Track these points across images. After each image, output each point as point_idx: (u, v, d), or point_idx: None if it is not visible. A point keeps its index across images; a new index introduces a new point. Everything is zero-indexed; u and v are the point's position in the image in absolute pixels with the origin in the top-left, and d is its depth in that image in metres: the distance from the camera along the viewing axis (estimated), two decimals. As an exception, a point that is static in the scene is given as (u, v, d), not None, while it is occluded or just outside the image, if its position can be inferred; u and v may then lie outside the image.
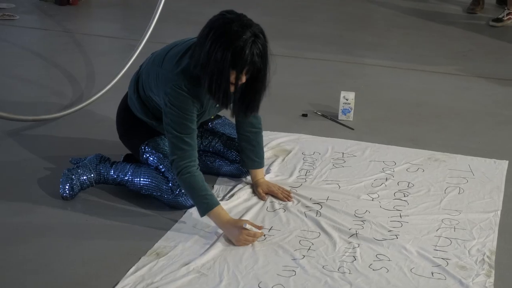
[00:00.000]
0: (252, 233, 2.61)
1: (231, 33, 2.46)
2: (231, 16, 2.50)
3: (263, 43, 2.52)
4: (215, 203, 2.64)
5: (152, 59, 2.82)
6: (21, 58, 4.68)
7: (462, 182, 3.13)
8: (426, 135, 3.65)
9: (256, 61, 2.50)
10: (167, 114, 2.64)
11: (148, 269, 2.47)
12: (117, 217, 2.81)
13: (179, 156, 2.64)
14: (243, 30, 2.47)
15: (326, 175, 3.18)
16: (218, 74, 2.49)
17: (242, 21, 2.49)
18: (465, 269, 2.51)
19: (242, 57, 2.47)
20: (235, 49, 2.45)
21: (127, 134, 2.99)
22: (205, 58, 2.49)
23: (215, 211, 2.62)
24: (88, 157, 2.98)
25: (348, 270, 2.49)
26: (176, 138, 2.64)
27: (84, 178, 2.91)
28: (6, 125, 3.53)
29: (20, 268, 2.50)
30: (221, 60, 2.46)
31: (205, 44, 2.48)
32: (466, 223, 2.80)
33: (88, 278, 2.45)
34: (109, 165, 2.94)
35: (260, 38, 2.51)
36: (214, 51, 2.46)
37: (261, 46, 2.51)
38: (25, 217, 2.80)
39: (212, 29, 2.49)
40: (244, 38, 2.46)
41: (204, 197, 2.63)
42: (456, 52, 5.05)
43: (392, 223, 2.79)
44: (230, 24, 2.47)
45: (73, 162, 3.02)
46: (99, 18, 5.81)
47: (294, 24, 5.67)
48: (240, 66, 2.48)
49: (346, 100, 3.76)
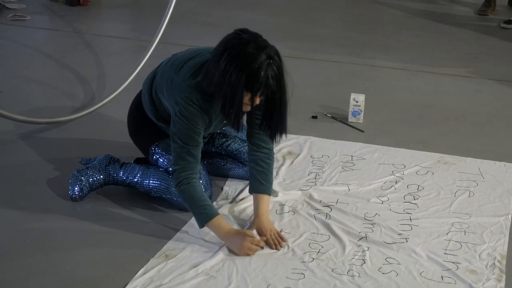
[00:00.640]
0: (256, 240, 2.57)
1: (246, 54, 2.42)
2: (246, 37, 2.46)
3: (279, 65, 2.48)
4: (215, 213, 2.60)
5: (172, 61, 2.79)
6: (31, 58, 4.69)
7: (472, 185, 3.12)
8: (436, 137, 3.64)
9: (271, 84, 2.46)
10: (175, 123, 2.62)
11: (157, 271, 2.48)
12: (126, 219, 2.81)
13: (182, 166, 2.61)
14: (259, 52, 2.42)
15: (336, 178, 3.17)
16: (232, 96, 2.45)
17: (258, 42, 2.44)
18: (475, 274, 2.50)
19: (257, 80, 2.43)
20: (250, 72, 2.41)
21: (138, 132, 2.99)
22: (219, 78, 2.45)
23: (215, 221, 2.58)
24: (98, 158, 2.99)
25: (358, 274, 2.48)
26: (182, 149, 2.60)
27: (94, 179, 2.91)
28: (16, 127, 3.55)
29: (28, 269, 2.51)
30: (236, 82, 2.42)
31: (220, 64, 2.45)
32: (476, 227, 2.79)
33: (97, 279, 2.45)
34: (118, 166, 2.94)
35: (275, 60, 2.46)
36: (229, 73, 2.42)
37: (276, 68, 2.46)
38: (34, 218, 2.81)
39: (227, 49, 2.45)
40: (259, 60, 2.42)
41: (203, 207, 2.59)
42: (466, 54, 5.03)
43: (402, 226, 2.78)
44: (245, 45, 2.43)
45: (82, 163, 3.02)
46: (109, 19, 5.81)
47: (303, 25, 5.66)
48: (254, 88, 2.44)
49: (356, 102, 3.75)
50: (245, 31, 2.49)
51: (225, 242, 2.59)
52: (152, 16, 5.57)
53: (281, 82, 2.50)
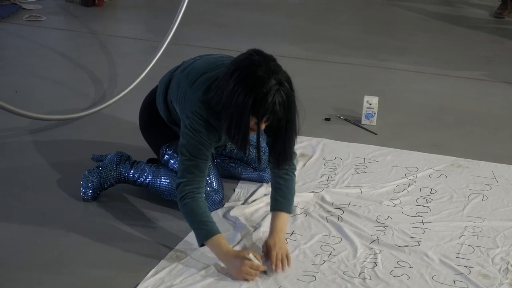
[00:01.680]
0: (255, 265, 2.43)
1: (256, 77, 2.34)
2: (258, 59, 2.38)
3: (288, 92, 2.39)
4: (216, 231, 2.49)
5: (188, 70, 2.71)
6: (47, 58, 4.72)
7: (485, 189, 3.10)
8: (450, 140, 3.62)
9: (277, 110, 2.37)
10: (184, 135, 2.55)
11: (167, 272, 2.48)
12: (137, 220, 2.82)
13: (189, 179, 2.53)
14: (268, 76, 2.35)
15: (348, 180, 3.16)
16: (237, 118, 2.37)
17: (269, 66, 2.37)
18: (488, 278, 2.48)
19: (263, 105, 2.34)
20: (257, 96, 2.34)
21: (149, 130, 2.96)
22: (227, 98, 2.39)
23: (215, 240, 2.47)
24: (109, 156, 2.98)
25: (369, 276, 2.47)
26: (189, 161, 2.53)
27: (105, 179, 2.91)
28: (29, 125, 3.58)
29: (40, 268, 2.52)
30: (242, 105, 2.34)
31: (229, 84, 2.38)
32: (489, 231, 2.77)
33: (108, 279, 2.46)
34: (129, 165, 2.93)
35: (285, 87, 2.37)
36: (236, 93, 2.35)
37: (284, 95, 2.37)
38: (46, 218, 2.83)
39: (238, 69, 2.39)
40: (268, 85, 2.34)
41: (205, 223, 2.50)
42: (482, 57, 5.00)
43: (414, 230, 2.77)
44: (256, 68, 2.36)
45: (94, 159, 3.02)
46: (124, 20, 5.83)
47: (318, 27, 5.65)
48: (260, 113, 2.36)
49: (370, 105, 3.74)
50: (258, 53, 2.42)
51: (224, 263, 2.48)
52: (167, 17, 5.55)
53: (289, 110, 2.41)
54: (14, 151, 3.37)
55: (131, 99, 3.71)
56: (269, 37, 5.25)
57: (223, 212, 2.86)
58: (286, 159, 2.56)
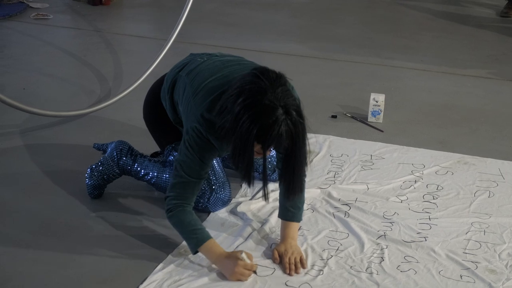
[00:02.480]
0: (249, 265, 2.41)
1: (262, 106, 2.20)
2: (265, 85, 2.22)
3: (296, 121, 2.23)
4: (206, 237, 2.46)
5: (195, 73, 2.61)
6: (54, 56, 4.74)
7: (492, 186, 3.10)
8: (456, 138, 3.62)
9: (283, 141, 2.24)
10: (182, 152, 2.47)
11: (175, 267, 2.49)
12: (146, 215, 2.83)
13: (177, 194, 2.48)
14: (275, 105, 2.20)
15: (355, 177, 3.17)
16: (241, 147, 2.25)
17: (276, 94, 2.21)
18: (495, 273, 2.49)
19: (269, 135, 2.21)
20: (262, 125, 2.20)
21: (154, 124, 2.91)
22: (231, 124, 2.25)
23: (206, 245, 2.44)
24: (110, 147, 2.95)
25: (376, 271, 2.48)
26: (181, 178, 2.47)
27: (108, 175, 2.90)
28: (36, 121, 3.60)
29: (50, 262, 2.54)
30: (246, 133, 2.21)
31: (234, 108, 2.24)
32: (496, 227, 2.78)
33: (116, 273, 2.48)
34: (130, 160, 2.90)
35: (292, 116, 2.22)
36: (241, 121, 2.21)
37: (292, 125, 2.22)
38: (55, 213, 2.84)
39: (243, 93, 2.23)
40: (275, 115, 2.20)
41: (194, 231, 2.46)
42: (488, 55, 5.00)
43: (421, 225, 2.78)
44: (262, 96, 2.20)
45: (95, 147, 3.01)
46: (130, 18, 5.86)
47: (324, 26, 5.66)
48: (266, 143, 2.24)
49: (376, 102, 3.74)
50: (265, 75, 2.25)
51: (217, 266, 2.45)
52: (173, 15, 5.57)
53: (296, 140, 2.27)
54: (21, 147, 3.39)
55: (137, 96, 3.72)
56: (276, 36, 5.27)
57: (231, 207, 2.87)
58: (295, 191, 2.43)
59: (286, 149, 2.30)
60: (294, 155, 2.31)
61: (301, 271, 2.47)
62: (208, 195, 2.79)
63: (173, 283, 2.40)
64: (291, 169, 2.35)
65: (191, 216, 2.49)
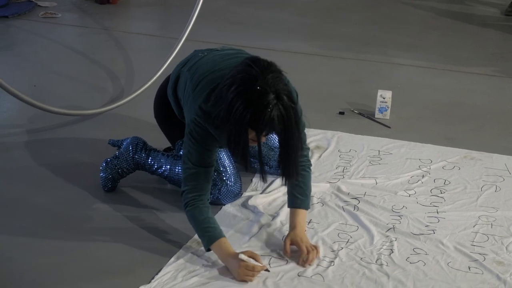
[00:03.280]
0: (250, 265, 2.42)
1: (253, 92, 2.25)
2: (256, 72, 2.28)
3: (287, 106, 2.28)
4: (218, 235, 2.50)
5: (195, 68, 2.67)
6: (63, 54, 4.79)
7: (498, 181, 3.15)
8: (462, 134, 3.67)
9: (275, 125, 2.28)
10: (186, 144, 2.54)
11: (189, 258, 2.55)
12: (159, 207, 2.89)
13: (191, 187, 2.54)
14: (266, 90, 2.25)
15: (363, 171, 3.21)
16: (236, 134, 2.30)
17: (266, 80, 2.26)
18: (502, 265, 2.54)
19: (261, 120, 2.26)
20: (254, 111, 2.25)
21: (164, 122, 2.97)
22: (225, 113, 2.30)
23: (216, 244, 2.48)
24: (125, 143, 3.01)
25: (386, 263, 2.53)
26: (191, 170, 2.52)
27: (122, 169, 2.96)
28: (50, 119, 3.65)
29: (64, 255, 2.59)
30: (240, 120, 2.27)
31: (227, 97, 2.30)
32: (503, 220, 2.83)
33: (131, 265, 2.53)
34: (145, 155, 2.96)
35: (284, 101, 2.27)
36: (234, 108, 2.27)
37: (283, 109, 2.27)
38: (69, 207, 2.90)
39: (235, 82, 2.29)
40: (266, 100, 2.25)
41: (206, 229, 2.51)
42: (493, 53, 5.04)
43: (429, 219, 2.82)
44: (253, 82, 2.26)
45: (110, 143, 3.07)
46: (137, 17, 5.90)
47: (329, 24, 5.70)
48: (259, 128, 2.28)
49: (383, 99, 3.79)
50: (256, 63, 2.31)
51: (226, 265, 2.49)
52: (178, 14, 5.65)
53: (288, 124, 2.30)
54: (35, 144, 3.44)
55: (147, 94, 3.77)
56: (282, 34, 5.31)
57: (242, 201, 2.92)
58: (292, 174, 2.45)
59: (279, 133, 2.34)
60: (287, 138, 2.34)
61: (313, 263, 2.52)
62: (219, 186, 2.85)
63: (187, 274, 2.45)
64: (285, 153, 2.38)
65: (205, 213, 2.54)
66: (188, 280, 2.42)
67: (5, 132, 3.57)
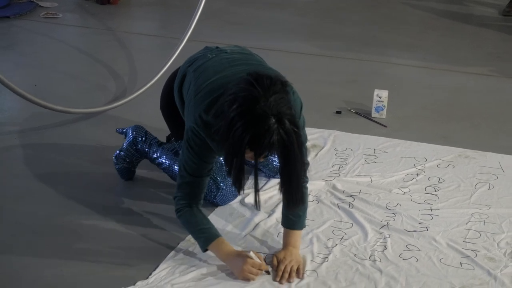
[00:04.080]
0: (257, 263, 2.44)
1: (254, 114, 2.17)
2: (258, 92, 2.18)
3: (289, 130, 2.19)
4: (214, 235, 2.50)
5: (200, 71, 2.61)
6: (64, 54, 4.84)
7: (492, 179, 3.19)
8: (458, 133, 3.71)
9: (275, 149, 2.22)
10: (183, 152, 2.52)
11: (187, 253, 2.59)
12: (160, 203, 2.95)
13: (184, 194, 2.53)
14: (267, 114, 2.17)
15: (359, 170, 3.26)
16: (233, 153, 2.23)
17: (269, 102, 2.17)
18: (493, 261, 2.58)
19: (260, 144, 2.19)
20: (255, 133, 2.18)
21: (171, 118, 2.96)
22: (225, 130, 2.23)
23: (214, 244, 2.49)
24: (128, 132, 3.11)
25: (379, 259, 2.58)
26: (185, 178, 2.52)
27: (130, 158, 3.07)
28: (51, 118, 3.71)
29: (67, 248, 2.65)
30: (238, 141, 2.20)
31: (228, 114, 2.22)
32: (495, 217, 2.87)
33: (131, 259, 2.58)
34: (146, 148, 3.05)
35: (285, 125, 2.18)
36: (234, 127, 2.19)
37: (284, 134, 2.19)
38: (69, 205, 2.95)
39: (237, 100, 2.21)
40: (267, 124, 2.16)
41: (201, 231, 2.51)
42: (490, 53, 5.08)
43: (423, 216, 2.87)
44: (254, 104, 2.17)
45: (118, 131, 3.18)
46: (138, 17, 5.96)
47: (328, 25, 5.74)
48: (258, 151, 2.22)
49: (380, 98, 3.84)
50: (260, 81, 2.21)
51: (226, 264, 2.49)
52: (179, 14, 5.70)
53: (290, 148, 2.22)
54: (36, 143, 3.50)
55: (151, 93, 3.82)
56: (282, 34, 5.36)
57: (238, 198, 2.96)
58: (296, 203, 2.38)
59: (280, 157, 2.27)
60: (289, 163, 2.27)
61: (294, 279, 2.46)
62: (214, 193, 2.89)
63: (185, 269, 2.50)
64: (287, 178, 2.31)
65: (199, 215, 2.55)
66: (185, 275, 2.47)
67: (5, 131, 3.62)
